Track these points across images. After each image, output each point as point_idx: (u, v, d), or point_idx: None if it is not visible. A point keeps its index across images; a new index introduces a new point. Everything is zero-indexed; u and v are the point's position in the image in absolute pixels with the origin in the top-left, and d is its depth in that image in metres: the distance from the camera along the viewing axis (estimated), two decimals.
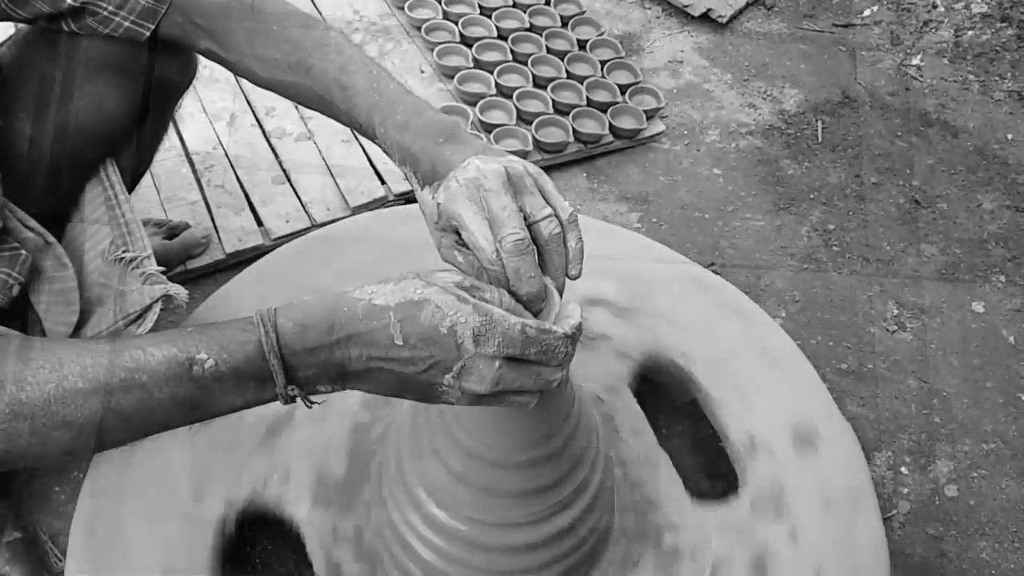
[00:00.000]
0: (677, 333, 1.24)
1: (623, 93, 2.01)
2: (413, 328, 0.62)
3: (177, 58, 1.12)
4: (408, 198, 1.72)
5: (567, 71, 2.03)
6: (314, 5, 2.17)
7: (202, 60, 1.14)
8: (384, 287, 0.64)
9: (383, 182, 1.74)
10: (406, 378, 0.65)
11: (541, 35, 2.11)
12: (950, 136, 2.08)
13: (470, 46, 2.03)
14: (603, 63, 2.07)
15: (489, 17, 2.13)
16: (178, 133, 1.79)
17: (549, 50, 2.07)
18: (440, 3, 2.15)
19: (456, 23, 2.09)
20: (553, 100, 1.93)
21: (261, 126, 1.84)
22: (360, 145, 1.81)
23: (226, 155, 1.76)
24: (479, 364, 0.63)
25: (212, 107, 1.86)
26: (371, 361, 0.64)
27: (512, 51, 2.04)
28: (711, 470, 1.32)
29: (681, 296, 1.29)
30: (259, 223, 1.65)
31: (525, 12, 2.16)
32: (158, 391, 0.63)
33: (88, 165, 1.13)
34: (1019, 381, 1.59)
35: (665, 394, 1.34)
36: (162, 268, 1.09)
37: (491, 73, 1.98)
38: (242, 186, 1.71)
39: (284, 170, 1.75)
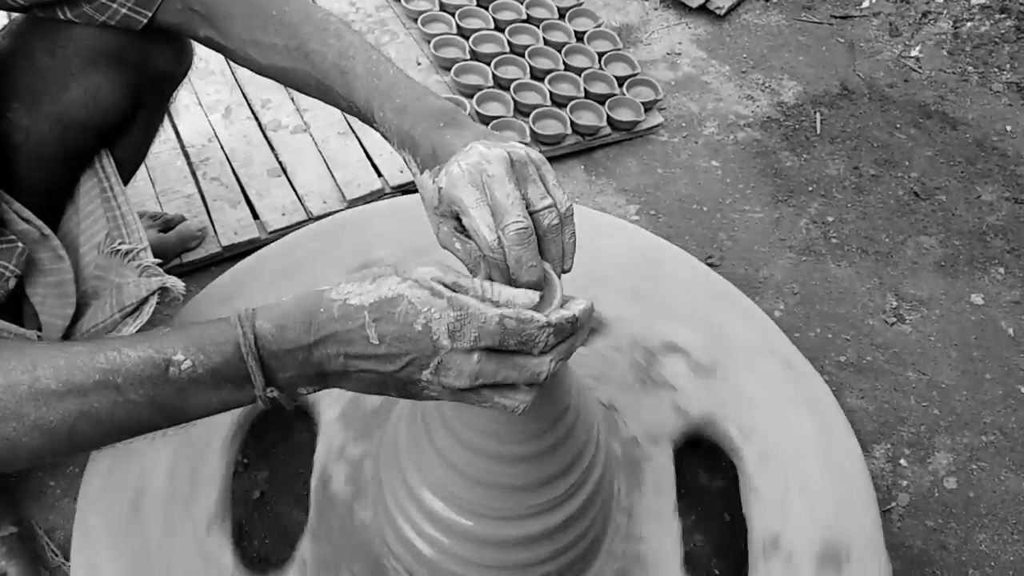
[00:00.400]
0: (743, 408, 1.16)
1: (621, 85, 2.00)
2: (387, 327, 0.61)
3: (172, 48, 1.11)
4: (406, 190, 1.71)
5: (565, 63, 2.02)
6: None
7: (198, 51, 1.13)
8: (360, 286, 0.63)
9: (380, 174, 1.73)
10: (385, 376, 0.64)
11: (538, 27, 2.10)
12: (949, 128, 2.08)
13: (467, 38, 2.02)
14: (601, 55, 2.06)
15: (486, 8, 2.12)
16: (173, 126, 1.78)
17: (547, 42, 2.07)
18: None
19: (453, 14, 2.08)
20: (551, 92, 1.92)
21: (257, 118, 1.82)
22: (357, 137, 1.80)
23: (222, 148, 1.75)
24: (456, 359, 0.61)
25: (207, 99, 1.85)
26: (349, 360, 0.63)
27: (509, 43, 2.03)
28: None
29: (762, 372, 1.21)
30: (255, 216, 1.64)
31: (522, 3, 2.15)
32: (133, 393, 0.61)
33: (83, 156, 1.12)
34: (1018, 373, 1.59)
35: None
36: (158, 260, 1.08)
37: (488, 65, 1.96)
38: (238, 179, 1.70)
39: (280, 163, 1.74)
